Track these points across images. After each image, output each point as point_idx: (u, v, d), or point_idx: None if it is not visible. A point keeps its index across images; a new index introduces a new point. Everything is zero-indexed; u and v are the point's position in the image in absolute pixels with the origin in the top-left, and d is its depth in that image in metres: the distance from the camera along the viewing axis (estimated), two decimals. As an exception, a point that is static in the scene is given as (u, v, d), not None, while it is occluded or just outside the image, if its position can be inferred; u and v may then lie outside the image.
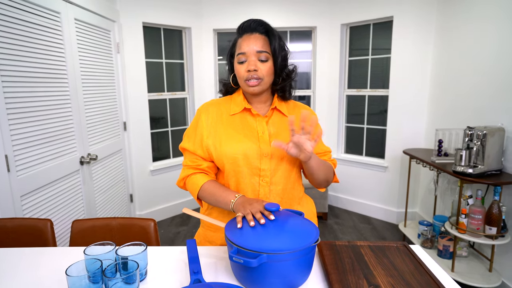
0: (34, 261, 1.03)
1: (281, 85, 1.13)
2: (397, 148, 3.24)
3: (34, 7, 1.82)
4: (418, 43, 3.03)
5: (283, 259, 0.79)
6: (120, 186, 2.95)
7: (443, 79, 2.86)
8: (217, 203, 1.05)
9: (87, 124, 2.35)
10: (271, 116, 1.14)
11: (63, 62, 2.08)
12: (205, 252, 1.06)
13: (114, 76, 2.85)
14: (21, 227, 1.30)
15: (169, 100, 3.55)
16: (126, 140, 3.10)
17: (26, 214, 1.74)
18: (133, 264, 0.81)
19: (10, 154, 1.63)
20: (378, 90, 3.39)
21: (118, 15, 2.94)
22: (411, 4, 2.99)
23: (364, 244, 1.06)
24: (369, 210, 3.55)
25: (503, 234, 2.05)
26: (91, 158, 2.32)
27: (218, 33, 3.67)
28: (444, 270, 0.95)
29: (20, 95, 1.71)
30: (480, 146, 2.07)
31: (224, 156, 1.07)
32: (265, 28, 1.08)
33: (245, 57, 1.06)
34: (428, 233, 2.62)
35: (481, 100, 2.37)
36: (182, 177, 1.14)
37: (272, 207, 0.90)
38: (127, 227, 1.32)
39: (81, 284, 0.77)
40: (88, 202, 2.33)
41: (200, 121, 1.12)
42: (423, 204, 3.22)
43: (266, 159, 1.07)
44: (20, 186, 1.70)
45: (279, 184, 1.10)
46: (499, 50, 2.19)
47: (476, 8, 2.43)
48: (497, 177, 2.05)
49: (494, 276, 2.18)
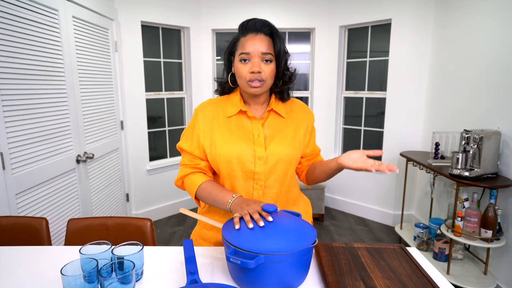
0: (29, 260, 1.02)
1: (280, 88, 1.12)
2: (394, 150, 3.25)
3: (32, 4, 1.80)
4: (416, 46, 3.05)
5: (280, 260, 0.79)
6: (117, 185, 2.94)
7: (440, 82, 2.88)
8: (215, 202, 1.04)
9: (84, 122, 2.33)
10: (267, 118, 1.12)
11: (61, 60, 2.06)
12: (202, 253, 1.06)
13: (111, 75, 2.84)
14: (16, 225, 1.29)
15: (167, 100, 3.54)
16: (123, 139, 3.08)
17: (21, 212, 1.73)
18: (129, 264, 0.81)
19: (6, 152, 1.62)
20: (376, 92, 3.40)
21: (117, 13, 2.93)
22: (409, 7, 3.01)
23: (361, 246, 1.06)
24: (365, 212, 3.56)
25: (499, 237, 2.07)
26: (87, 157, 2.31)
27: (216, 33, 3.67)
28: (440, 273, 0.96)
29: (17, 92, 1.69)
30: (476, 149, 2.08)
31: (218, 158, 1.06)
32: (270, 29, 1.06)
33: (249, 57, 1.04)
34: (424, 235, 2.63)
35: (478, 103, 2.38)
36: (180, 176, 1.13)
37: (270, 208, 0.90)
38: (123, 227, 1.31)
39: (76, 283, 0.77)
40: (84, 201, 2.31)
41: (197, 121, 1.11)
42: (420, 206, 3.23)
43: (260, 162, 1.06)
44: (16, 184, 1.68)
45: (273, 188, 1.10)
46: (497, 54, 2.20)
47: (473, 12, 2.45)
48: (493, 180, 2.06)
49: (489, 279, 2.20)
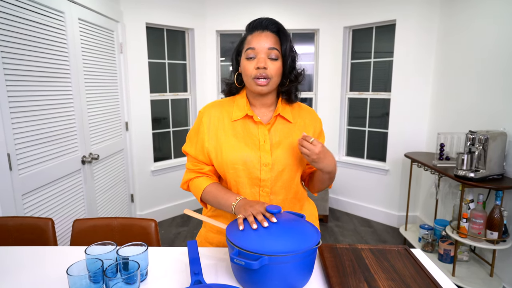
0: (35, 260, 1.03)
1: (287, 87, 1.09)
2: (398, 151, 3.23)
3: (38, 6, 1.82)
4: (420, 46, 3.03)
5: (284, 261, 0.79)
6: (121, 186, 2.96)
7: (445, 83, 2.86)
8: (219, 205, 1.05)
9: (89, 123, 2.35)
10: (274, 123, 1.09)
11: (67, 62, 2.08)
12: (206, 253, 1.06)
13: (116, 76, 2.86)
14: (22, 225, 1.30)
15: (171, 101, 3.55)
16: (127, 140, 3.10)
17: (28, 213, 1.74)
18: (134, 264, 0.81)
19: (13, 153, 1.64)
20: (380, 93, 3.39)
21: (122, 15, 2.95)
22: (413, 8, 2.99)
23: (365, 247, 1.06)
24: (370, 213, 3.54)
25: (505, 239, 2.05)
26: (92, 158, 2.33)
27: (221, 34, 3.68)
28: (445, 275, 0.95)
29: (23, 94, 1.71)
30: (482, 150, 2.07)
31: (225, 164, 1.05)
32: (277, 27, 1.05)
33: (254, 53, 1.02)
34: (429, 237, 2.62)
35: (484, 104, 2.36)
36: (185, 180, 1.14)
37: (274, 209, 0.90)
38: (128, 227, 1.32)
39: (81, 283, 0.77)
40: (89, 202, 2.33)
41: (202, 124, 1.10)
42: (424, 208, 3.21)
43: (266, 169, 1.04)
44: (22, 185, 1.70)
45: (279, 194, 1.08)
46: (502, 55, 2.19)
47: (479, 12, 2.43)
48: (499, 181, 2.05)
49: (495, 281, 2.18)
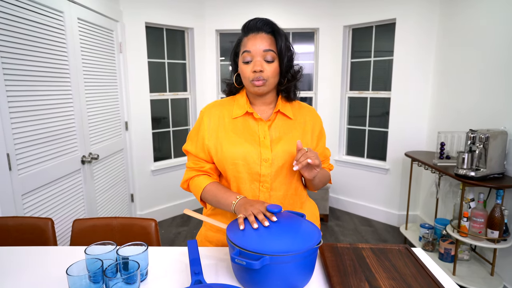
0: (35, 260, 1.03)
1: (286, 86, 1.11)
2: (398, 150, 3.23)
3: (38, 6, 1.82)
4: (420, 45, 3.03)
5: (285, 261, 0.79)
6: (121, 186, 2.95)
7: (445, 82, 2.86)
8: (219, 204, 1.05)
9: (88, 123, 2.35)
10: (274, 119, 1.11)
11: (66, 61, 2.08)
12: (206, 253, 1.06)
13: (116, 76, 2.85)
14: (22, 225, 1.30)
15: (171, 101, 3.55)
16: (127, 140, 3.10)
17: (27, 213, 1.74)
18: (134, 264, 0.81)
19: (12, 153, 1.63)
20: (380, 92, 3.38)
21: (121, 15, 2.95)
22: (413, 7, 2.99)
23: (366, 247, 1.05)
24: (370, 212, 3.54)
25: (505, 238, 2.05)
26: (92, 158, 2.32)
27: (220, 34, 3.67)
28: (446, 274, 0.95)
29: (23, 93, 1.71)
30: (482, 149, 2.06)
31: (225, 160, 1.06)
32: (271, 27, 1.06)
33: (251, 56, 1.04)
34: (429, 236, 2.61)
35: (484, 103, 2.36)
36: (186, 179, 1.14)
37: (274, 209, 0.90)
38: (128, 227, 1.31)
39: (81, 283, 0.77)
40: (89, 202, 2.33)
41: (203, 123, 1.11)
42: (425, 207, 3.21)
43: (266, 164, 1.05)
44: (22, 185, 1.70)
45: (279, 190, 1.09)
46: (503, 54, 2.18)
47: (479, 11, 2.42)
48: (500, 180, 2.04)
49: (495, 280, 2.17)
